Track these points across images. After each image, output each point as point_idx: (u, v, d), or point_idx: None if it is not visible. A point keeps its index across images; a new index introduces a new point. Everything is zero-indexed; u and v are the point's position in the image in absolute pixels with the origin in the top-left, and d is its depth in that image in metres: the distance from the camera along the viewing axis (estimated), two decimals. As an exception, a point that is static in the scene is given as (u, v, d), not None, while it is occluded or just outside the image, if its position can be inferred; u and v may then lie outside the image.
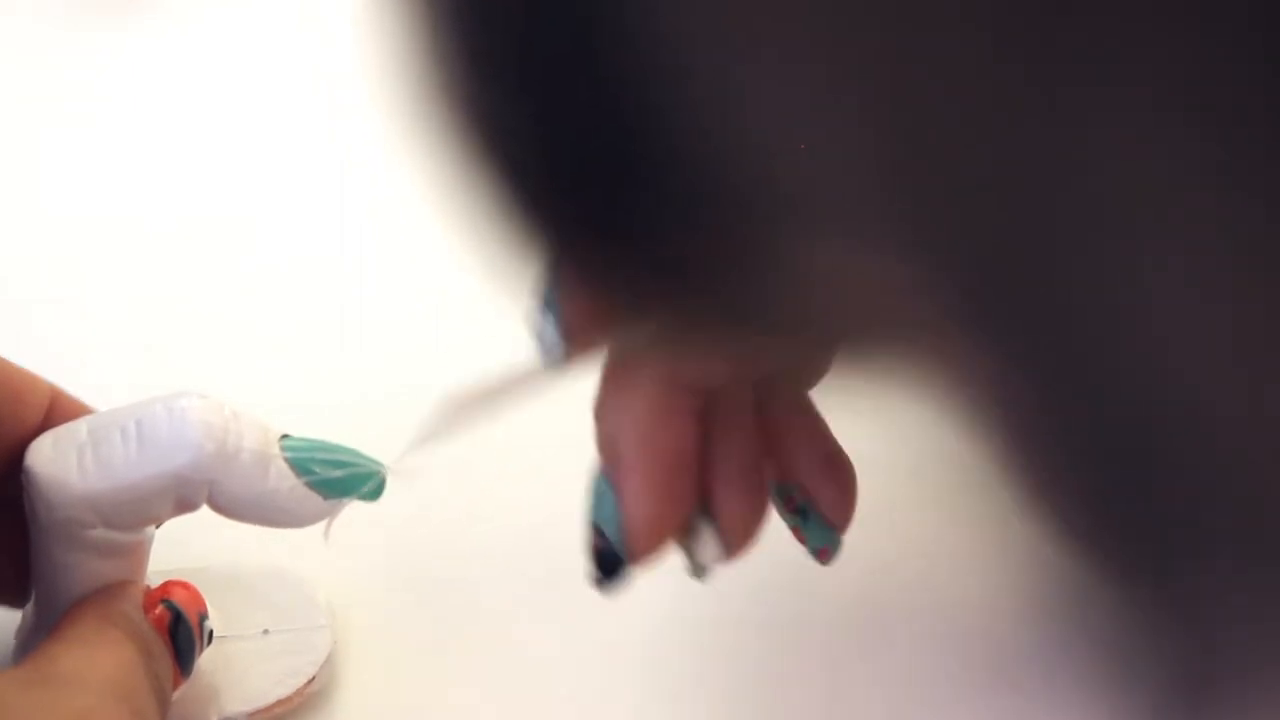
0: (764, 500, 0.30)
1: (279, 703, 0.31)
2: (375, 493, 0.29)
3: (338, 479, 0.29)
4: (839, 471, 0.30)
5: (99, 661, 0.27)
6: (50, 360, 0.30)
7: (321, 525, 0.29)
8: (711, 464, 0.29)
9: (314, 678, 0.31)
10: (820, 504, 0.30)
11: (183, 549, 0.31)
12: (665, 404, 0.29)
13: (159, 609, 0.29)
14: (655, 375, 0.29)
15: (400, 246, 0.44)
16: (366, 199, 0.46)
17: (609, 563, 0.29)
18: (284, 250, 0.45)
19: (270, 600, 0.33)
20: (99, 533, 0.28)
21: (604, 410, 0.29)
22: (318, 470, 0.29)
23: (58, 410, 0.29)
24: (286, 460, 0.29)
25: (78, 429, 0.29)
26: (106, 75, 0.53)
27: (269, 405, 0.30)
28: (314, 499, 0.29)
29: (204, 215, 0.46)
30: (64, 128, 0.50)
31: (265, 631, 0.32)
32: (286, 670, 0.31)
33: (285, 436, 0.29)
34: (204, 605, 0.30)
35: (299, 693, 0.31)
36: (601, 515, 0.29)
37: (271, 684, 0.31)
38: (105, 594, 0.29)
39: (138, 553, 0.29)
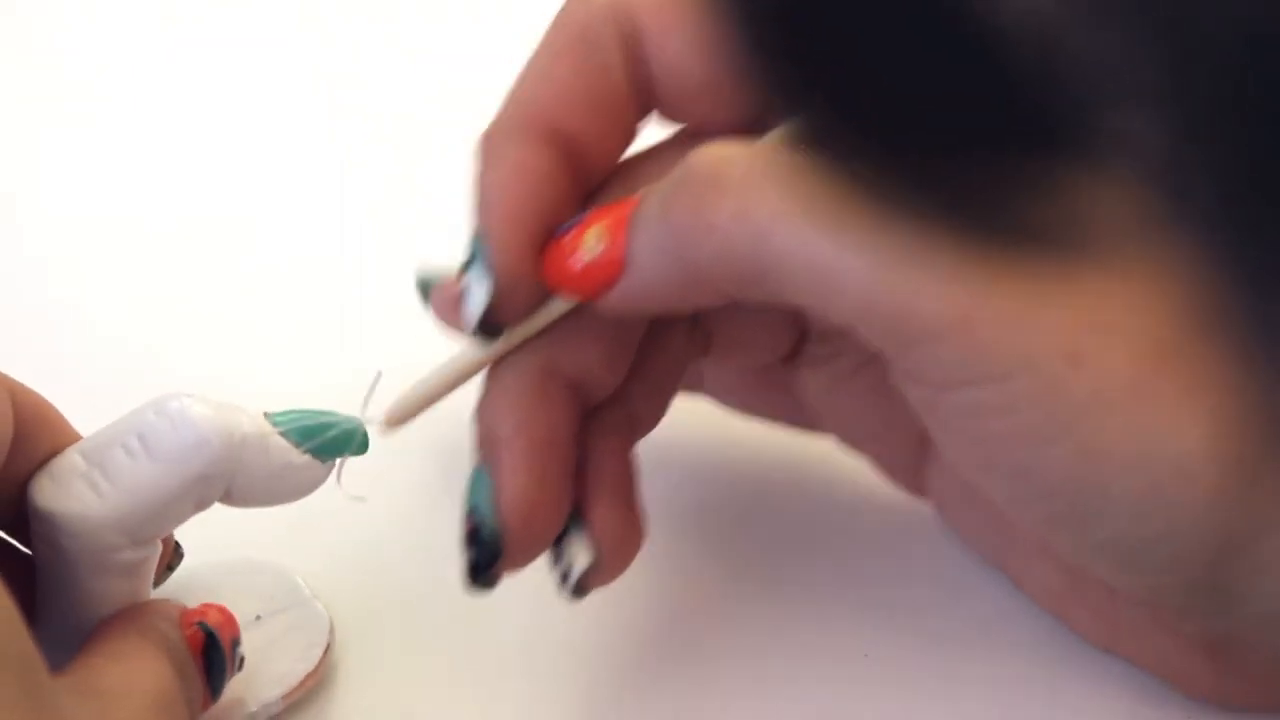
0: (637, 517, 0.30)
1: (307, 678, 0.31)
2: (364, 445, 0.30)
3: (331, 440, 0.29)
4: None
5: (139, 676, 0.27)
6: (50, 360, 0.30)
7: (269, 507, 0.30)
8: (585, 475, 0.30)
9: (329, 646, 0.32)
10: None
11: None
12: (542, 391, 0.29)
13: (193, 629, 0.29)
14: (533, 365, 0.29)
15: (400, 246, 0.44)
16: (366, 199, 0.46)
17: (481, 547, 0.29)
18: (284, 250, 0.45)
19: (249, 588, 0.33)
20: (126, 554, 0.28)
21: (483, 402, 0.30)
22: (311, 436, 0.29)
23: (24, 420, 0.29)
24: (282, 435, 0.29)
25: (72, 460, 0.28)
26: (106, 75, 0.53)
27: (269, 405, 0.30)
28: (314, 465, 0.29)
29: (204, 215, 0.46)
30: (64, 128, 0.50)
31: (258, 617, 0.32)
32: (301, 646, 0.32)
33: (267, 414, 0.29)
34: (238, 630, 0.30)
35: (322, 664, 0.31)
36: (476, 500, 0.29)
37: (292, 662, 0.31)
38: (142, 611, 0.29)
39: (150, 565, 0.30)
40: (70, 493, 0.28)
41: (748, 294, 0.27)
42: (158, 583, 0.31)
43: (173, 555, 0.32)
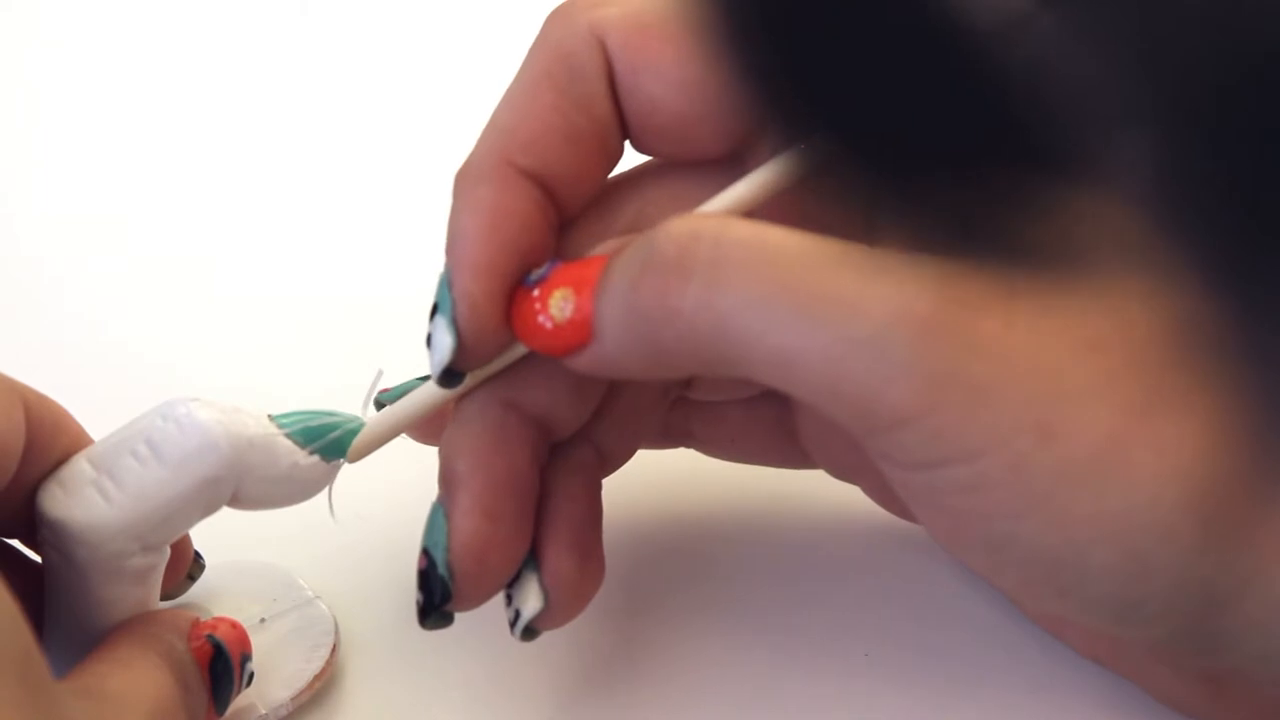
0: (594, 563, 0.30)
1: (314, 679, 0.31)
2: None
3: (336, 440, 0.29)
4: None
5: (140, 684, 0.27)
6: (50, 361, 0.30)
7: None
8: (544, 517, 0.30)
9: (334, 646, 0.32)
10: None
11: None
12: (503, 430, 0.29)
13: (202, 642, 0.29)
14: (495, 401, 0.29)
15: (400, 246, 0.44)
16: (366, 199, 0.46)
17: (432, 588, 0.29)
18: (284, 251, 0.45)
19: (252, 591, 0.33)
20: (136, 560, 0.28)
21: (446, 436, 0.30)
22: (316, 437, 0.29)
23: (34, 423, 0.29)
24: (288, 436, 0.29)
25: (80, 467, 0.28)
26: (106, 75, 0.53)
27: (269, 405, 0.30)
28: (320, 465, 0.29)
29: (204, 215, 0.46)
30: (63, 128, 0.50)
31: (262, 620, 0.32)
32: (307, 647, 0.32)
33: (271, 416, 0.29)
34: (249, 646, 0.30)
35: (329, 664, 0.32)
36: (432, 539, 0.29)
37: (301, 663, 0.31)
38: (151, 620, 0.29)
39: (159, 571, 0.30)
40: (80, 500, 0.28)
41: (713, 373, 0.27)
42: (178, 592, 0.32)
43: (193, 564, 0.32)
